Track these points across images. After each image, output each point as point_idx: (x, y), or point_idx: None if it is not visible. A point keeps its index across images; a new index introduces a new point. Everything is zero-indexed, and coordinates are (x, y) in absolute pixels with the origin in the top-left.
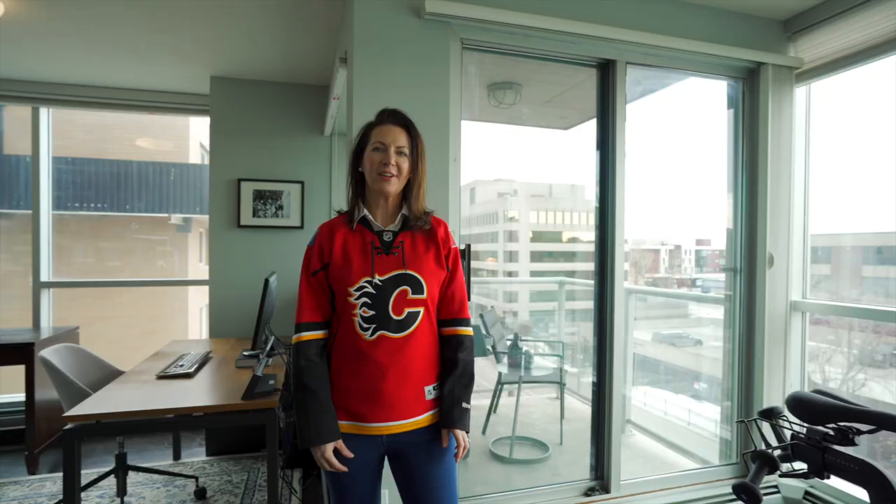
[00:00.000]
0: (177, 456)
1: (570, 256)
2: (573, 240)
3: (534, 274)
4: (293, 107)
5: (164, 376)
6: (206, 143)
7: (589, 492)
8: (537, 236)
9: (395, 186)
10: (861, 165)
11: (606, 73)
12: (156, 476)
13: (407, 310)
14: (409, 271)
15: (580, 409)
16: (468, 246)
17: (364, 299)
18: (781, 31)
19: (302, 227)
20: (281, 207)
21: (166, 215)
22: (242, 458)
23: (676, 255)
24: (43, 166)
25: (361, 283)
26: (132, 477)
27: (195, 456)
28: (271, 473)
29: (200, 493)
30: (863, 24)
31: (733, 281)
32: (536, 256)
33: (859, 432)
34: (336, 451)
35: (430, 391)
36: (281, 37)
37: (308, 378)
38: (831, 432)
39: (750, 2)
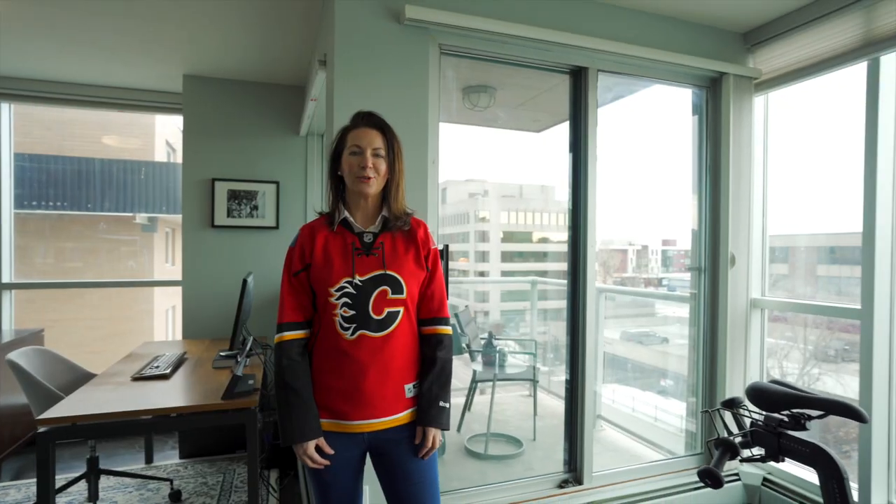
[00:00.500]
0: (149, 459)
1: (540, 256)
2: (544, 240)
3: (504, 274)
4: (268, 107)
5: (139, 378)
6: (173, 141)
7: (563, 484)
8: (508, 236)
9: (373, 188)
10: (815, 170)
11: (579, 79)
12: (128, 480)
13: (387, 309)
14: (388, 272)
15: (552, 405)
16: (446, 246)
17: (345, 299)
18: (741, 44)
19: (277, 227)
20: (256, 207)
21: (131, 214)
22: (217, 459)
23: (643, 256)
24: (4, 163)
25: (342, 283)
26: (103, 481)
27: (168, 459)
28: (251, 473)
29: (175, 495)
30: (815, 39)
31: (698, 280)
32: (507, 256)
33: (810, 418)
34: (318, 448)
35: (409, 389)
36: (257, 37)
37: (290, 377)
38: (786, 419)
39: (712, 15)
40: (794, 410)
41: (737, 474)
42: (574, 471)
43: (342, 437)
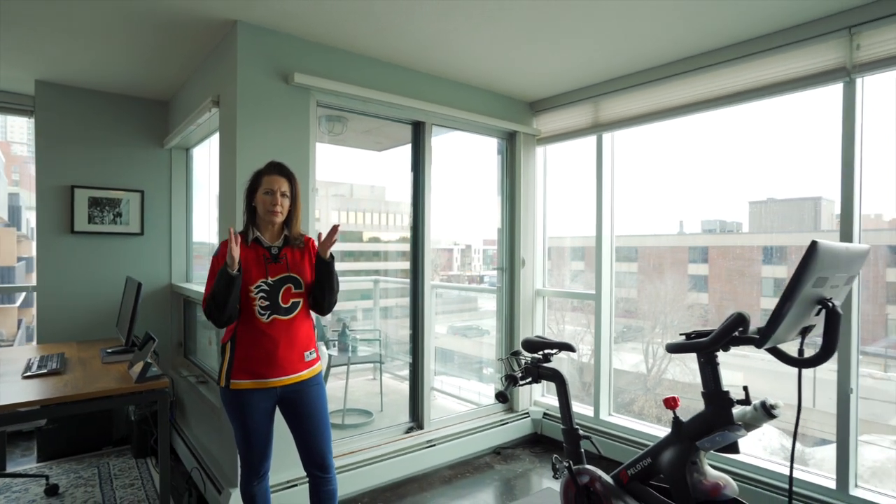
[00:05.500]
0: (1, 467)
1: (370, 256)
2: (374, 239)
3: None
4: (131, 118)
5: (32, 376)
6: None
7: (409, 430)
8: (340, 236)
9: (280, 219)
10: (575, 197)
11: (418, 128)
12: None
13: (291, 300)
14: (292, 274)
15: (391, 384)
16: None
17: (261, 294)
18: (529, 110)
19: (142, 233)
20: (120, 214)
21: None
22: (85, 457)
23: (467, 255)
24: None
25: (259, 283)
26: None
27: (22, 465)
28: (163, 452)
29: (52, 489)
30: (568, 116)
31: (502, 277)
32: (338, 256)
33: (552, 354)
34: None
35: (308, 354)
36: (134, 59)
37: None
38: (540, 356)
39: (510, 89)
40: (545, 351)
41: (527, 413)
42: (417, 420)
43: (261, 392)
